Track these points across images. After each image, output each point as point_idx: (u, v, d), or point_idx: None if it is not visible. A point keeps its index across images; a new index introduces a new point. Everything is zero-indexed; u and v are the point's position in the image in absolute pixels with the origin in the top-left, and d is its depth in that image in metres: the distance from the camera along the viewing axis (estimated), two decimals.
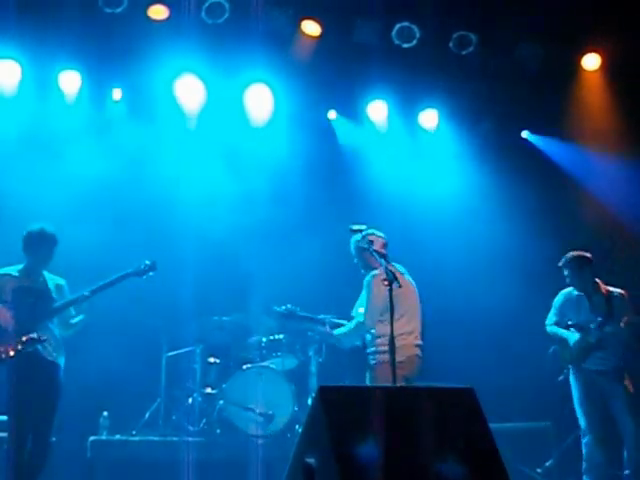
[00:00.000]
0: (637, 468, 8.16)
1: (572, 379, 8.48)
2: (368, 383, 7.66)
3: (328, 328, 8.12)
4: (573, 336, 8.44)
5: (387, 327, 7.50)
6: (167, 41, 9.67)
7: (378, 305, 7.69)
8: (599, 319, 8.34)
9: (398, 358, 7.64)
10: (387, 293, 7.35)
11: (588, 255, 8.54)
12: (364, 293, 7.88)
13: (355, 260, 8.07)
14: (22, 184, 9.53)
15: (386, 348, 7.61)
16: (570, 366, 8.49)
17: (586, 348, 8.35)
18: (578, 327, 8.45)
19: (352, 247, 8.06)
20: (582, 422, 8.35)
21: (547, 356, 8.66)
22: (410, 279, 8.05)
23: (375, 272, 7.83)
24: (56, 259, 7.71)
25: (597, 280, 8.53)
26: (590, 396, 8.36)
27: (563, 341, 8.52)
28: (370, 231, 7.83)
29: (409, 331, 7.86)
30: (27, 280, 7.56)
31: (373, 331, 7.77)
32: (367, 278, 7.90)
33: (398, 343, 7.63)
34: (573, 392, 8.46)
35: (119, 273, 7.74)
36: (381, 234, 8.02)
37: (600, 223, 10.61)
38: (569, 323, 8.51)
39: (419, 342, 7.93)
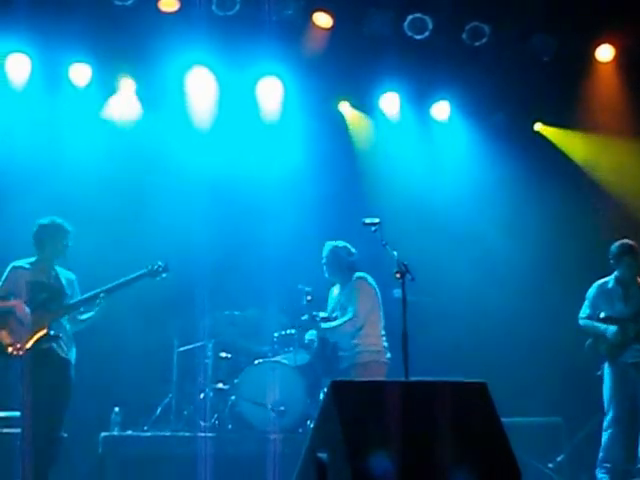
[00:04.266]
0: None
1: (606, 372, 8.44)
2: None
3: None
4: (610, 330, 8.37)
5: (376, 328, 8.21)
6: (178, 33, 9.64)
7: (368, 305, 8.17)
8: (637, 311, 8.32)
9: (384, 358, 8.16)
10: (375, 295, 8.18)
11: (631, 244, 8.52)
12: (348, 294, 8.28)
13: (328, 265, 8.45)
14: (31, 178, 9.49)
15: (380, 348, 8.22)
16: (606, 360, 8.43)
17: (624, 342, 8.30)
18: (614, 320, 8.39)
19: (331, 254, 8.42)
20: (610, 414, 8.34)
21: (583, 350, 8.59)
22: None
23: (360, 274, 8.28)
24: (67, 254, 7.70)
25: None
26: (623, 389, 8.36)
27: (599, 335, 8.45)
28: (345, 243, 8.41)
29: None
30: (40, 275, 7.56)
31: (363, 330, 8.15)
32: (354, 278, 8.29)
33: (385, 344, 8.25)
34: (605, 384, 8.43)
35: (133, 274, 7.79)
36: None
37: (616, 215, 10.52)
38: (601, 316, 8.45)
39: None
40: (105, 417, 8.98)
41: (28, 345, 7.23)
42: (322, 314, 8.41)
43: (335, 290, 8.54)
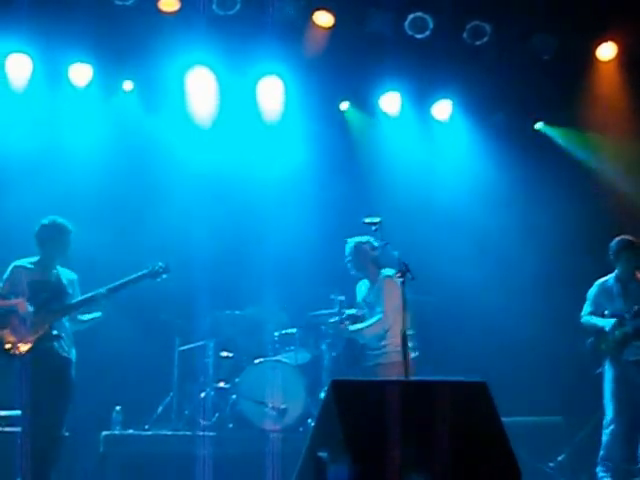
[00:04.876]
0: None
1: (607, 370, 8.40)
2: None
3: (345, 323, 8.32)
4: (609, 322, 8.34)
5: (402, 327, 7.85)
6: (178, 33, 9.64)
7: (395, 304, 7.86)
8: (635, 307, 8.27)
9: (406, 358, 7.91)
10: (401, 294, 7.63)
11: (630, 239, 8.48)
12: (376, 293, 8.15)
13: (353, 262, 8.31)
14: (31, 178, 9.50)
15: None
16: (607, 357, 8.40)
17: (624, 339, 8.28)
18: (614, 318, 8.36)
19: (354, 250, 8.28)
20: (610, 412, 8.31)
21: (584, 348, 8.57)
22: None
23: (388, 272, 8.05)
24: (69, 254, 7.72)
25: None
26: (624, 387, 8.31)
27: (599, 332, 8.42)
28: (367, 238, 8.15)
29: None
30: (42, 274, 7.57)
31: (391, 330, 8.00)
32: (382, 277, 8.13)
33: (410, 343, 7.88)
34: (606, 382, 8.40)
35: (133, 275, 7.77)
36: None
37: (618, 213, 10.52)
38: (605, 313, 8.43)
39: None
40: (106, 416, 8.99)
41: (27, 345, 7.23)
42: (349, 311, 8.34)
43: (363, 286, 8.46)
